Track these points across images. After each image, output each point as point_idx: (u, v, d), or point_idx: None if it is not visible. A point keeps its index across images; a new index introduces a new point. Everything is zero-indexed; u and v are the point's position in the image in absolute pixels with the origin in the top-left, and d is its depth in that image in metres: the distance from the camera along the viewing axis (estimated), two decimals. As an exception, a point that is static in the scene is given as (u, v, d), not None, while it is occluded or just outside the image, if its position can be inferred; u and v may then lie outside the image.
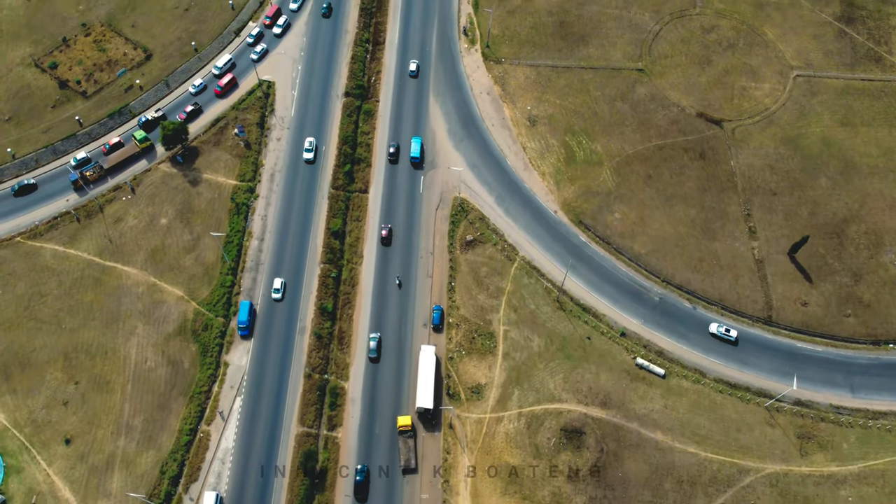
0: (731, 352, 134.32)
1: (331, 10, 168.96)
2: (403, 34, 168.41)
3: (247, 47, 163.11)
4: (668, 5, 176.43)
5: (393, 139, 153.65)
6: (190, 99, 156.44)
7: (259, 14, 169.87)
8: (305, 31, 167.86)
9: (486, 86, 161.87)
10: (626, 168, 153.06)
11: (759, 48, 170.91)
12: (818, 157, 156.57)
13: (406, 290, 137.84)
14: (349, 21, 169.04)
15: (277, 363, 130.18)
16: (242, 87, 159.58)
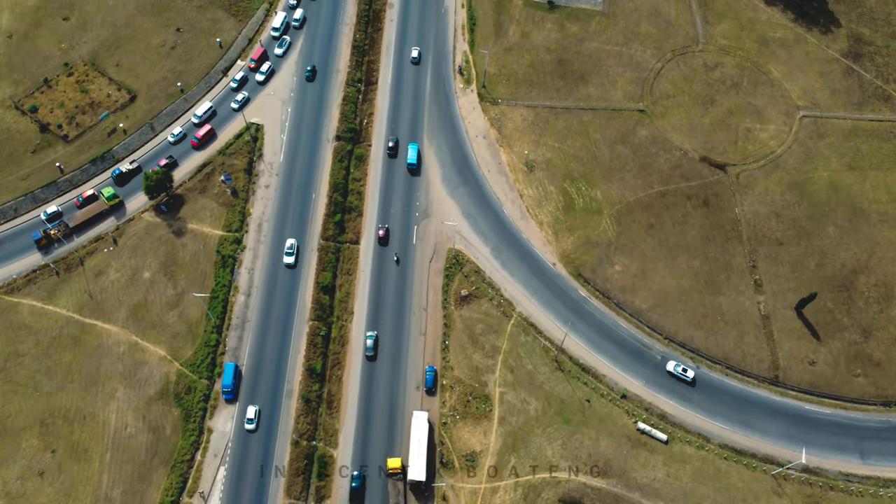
0: (737, 415, 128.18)
1: (315, 72, 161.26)
2: (397, 74, 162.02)
3: (230, 92, 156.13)
4: (670, 41, 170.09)
5: (386, 184, 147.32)
6: (167, 149, 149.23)
7: (248, 52, 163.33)
8: (295, 70, 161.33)
9: (481, 128, 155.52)
10: (627, 216, 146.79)
11: (763, 87, 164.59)
12: (825, 203, 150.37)
13: (398, 349, 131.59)
14: (340, 60, 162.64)
15: (263, 429, 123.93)
16: (230, 129, 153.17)
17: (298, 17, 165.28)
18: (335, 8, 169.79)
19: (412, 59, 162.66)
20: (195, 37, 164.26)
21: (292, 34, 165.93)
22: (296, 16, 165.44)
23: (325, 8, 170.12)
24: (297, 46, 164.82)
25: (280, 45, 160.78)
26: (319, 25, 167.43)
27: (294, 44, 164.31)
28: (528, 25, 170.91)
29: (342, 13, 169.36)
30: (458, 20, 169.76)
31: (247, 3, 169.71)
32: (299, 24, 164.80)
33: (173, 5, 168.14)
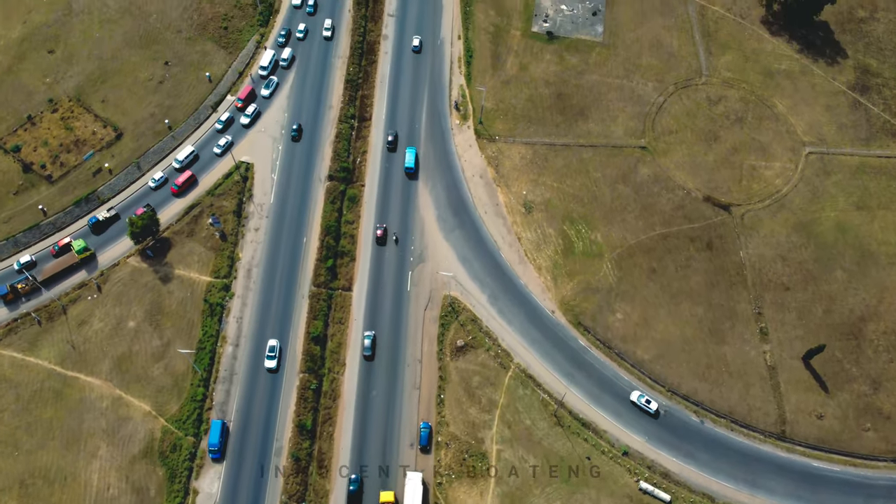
0: (742, 473, 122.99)
1: (301, 131, 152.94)
2: (391, 109, 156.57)
3: (215, 133, 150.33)
4: (672, 73, 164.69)
5: (379, 225, 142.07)
6: (148, 195, 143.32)
7: (238, 86, 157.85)
8: (287, 105, 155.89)
9: (478, 167, 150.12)
10: (629, 260, 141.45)
11: (768, 122, 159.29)
12: (833, 245, 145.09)
13: (392, 403, 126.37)
14: (333, 95, 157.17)
15: (251, 491, 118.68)
16: (220, 168, 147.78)
17: (286, 56, 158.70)
18: (327, 41, 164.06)
19: (408, 92, 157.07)
20: (184, 70, 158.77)
21: (294, 44, 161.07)
22: (284, 55, 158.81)
23: (318, 40, 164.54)
24: (289, 80, 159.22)
25: (267, 87, 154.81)
26: (311, 58, 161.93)
27: (284, 80, 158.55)
28: (526, 57, 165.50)
29: (335, 45, 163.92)
30: (455, 52, 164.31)
31: (237, 34, 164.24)
32: (287, 63, 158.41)
33: (162, 38, 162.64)
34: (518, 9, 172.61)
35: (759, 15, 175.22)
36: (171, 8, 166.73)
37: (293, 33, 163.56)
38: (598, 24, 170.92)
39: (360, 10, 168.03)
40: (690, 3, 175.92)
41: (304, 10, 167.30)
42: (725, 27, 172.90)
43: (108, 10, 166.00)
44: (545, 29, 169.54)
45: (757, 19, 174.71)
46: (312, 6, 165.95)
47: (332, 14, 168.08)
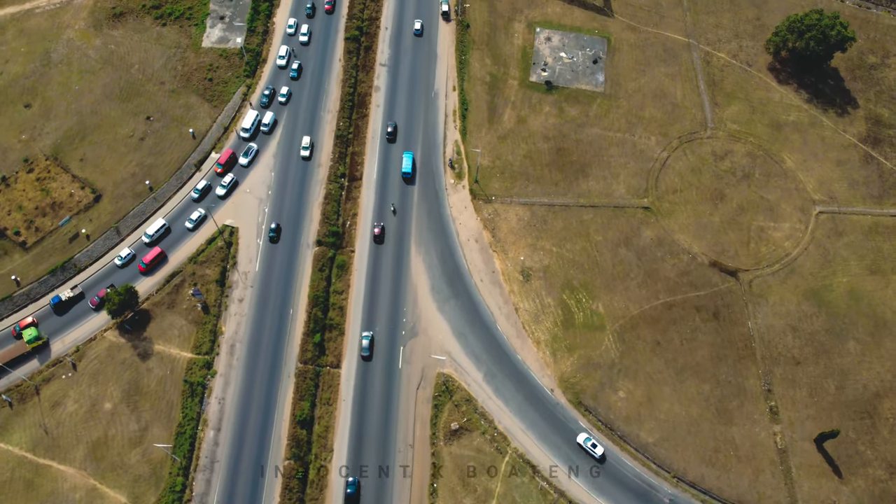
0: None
1: (279, 230, 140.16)
2: (383, 167, 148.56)
3: (191, 202, 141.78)
4: (676, 126, 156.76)
5: (370, 300, 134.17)
6: (113, 273, 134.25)
7: (223, 143, 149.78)
8: (273, 164, 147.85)
9: (474, 231, 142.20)
10: (632, 332, 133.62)
11: (777, 178, 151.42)
12: (845, 314, 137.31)
13: (381, 495, 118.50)
14: (322, 152, 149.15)
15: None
16: (203, 232, 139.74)
17: (268, 121, 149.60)
18: (317, 92, 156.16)
19: (401, 149, 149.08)
20: (166, 126, 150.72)
21: (277, 108, 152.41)
22: (266, 119, 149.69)
23: (308, 91, 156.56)
24: (276, 135, 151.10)
25: (246, 155, 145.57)
26: (300, 112, 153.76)
27: (271, 137, 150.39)
28: (524, 109, 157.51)
29: (325, 97, 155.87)
30: (450, 104, 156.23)
31: (222, 86, 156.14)
32: (269, 128, 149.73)
33: (144, 90, 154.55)
34: (516, 57, 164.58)
35: (766, 62, 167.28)
36: (153, 58, 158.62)
37: (276, 94, 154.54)
38: (598, 73, 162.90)
39: (351, 60, 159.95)
40: (695, 49, 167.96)
41: (287, 72, 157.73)
42: (731, 75, 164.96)
43: (88, 60, 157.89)
44: (544, 78, 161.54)
45: (764, 66, 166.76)
46: (296, 70, 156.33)
47: (321, 65, 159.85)
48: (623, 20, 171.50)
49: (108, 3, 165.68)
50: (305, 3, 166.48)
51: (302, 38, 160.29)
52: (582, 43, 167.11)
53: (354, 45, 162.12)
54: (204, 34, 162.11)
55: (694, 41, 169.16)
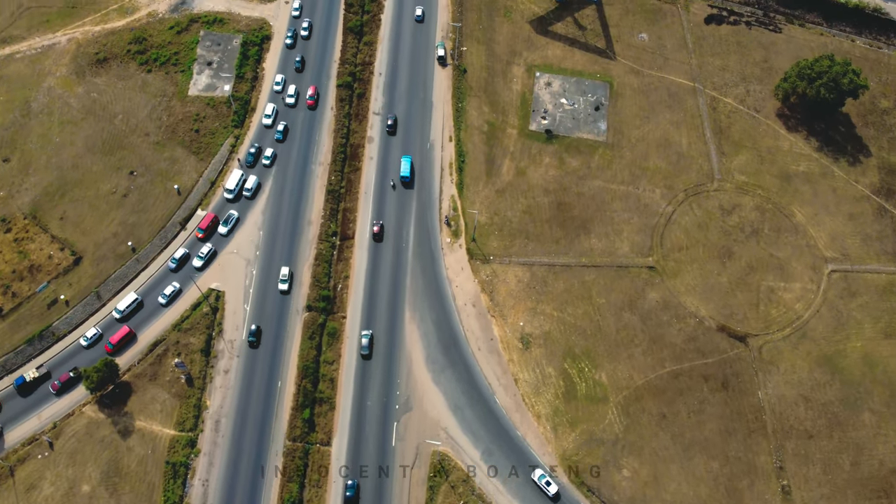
0: None
1: (259, 334, 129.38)
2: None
3: (168, 272, 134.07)
4: (681, 177, 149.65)
5: (362, 371, 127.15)
6: (78, 353, 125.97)
7: (209, 199, 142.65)
8: (262, 222, 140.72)
9: (471, 294, 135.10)
10: (636, 404, 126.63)
11: (787, 234, 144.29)
12: (860, 382, 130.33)
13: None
14: (313, 209, 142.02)
15: None
16: (188, 297, 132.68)
17: (251, 185, 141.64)
18: (308, 143, 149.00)
19: (394, 205, 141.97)
20: (151, 181, 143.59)
21: (263, 167, 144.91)
22: (248, 185, 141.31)
23: (298, 142, 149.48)
24: (265, 191, 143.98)
25: (225, 223, 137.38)
26: (290, 164, 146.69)
27: (259, 192, 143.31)
28: (523, 160, 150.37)
29: (316, 148, 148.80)
30: (446, 156, 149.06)
31: (209, 138, 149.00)
32: (251, 193, 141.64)
33: (127, 142, 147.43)
34: (515, 104, 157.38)
35: (774, 108, 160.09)
36: (138, 107, 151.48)
37: (262, 154, 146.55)
38: (600, 121, 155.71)
39: (343, 108, 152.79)
40: (700, 94, 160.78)
41: (273, 133, 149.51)
42: (738, 122, 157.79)
43: (69, 110, 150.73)
44: (544, 127, 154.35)
45: (772, 112, 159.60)
46: (282, 132, 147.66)
47: (312, 114, 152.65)
48: (626, 63, 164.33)
49: (91, 48, 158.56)
50: (294, 57, 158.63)
51: (289, 98, 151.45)
52: (583, 88, 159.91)
53: (347, 93, 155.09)
54: (191, 81, 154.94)
55: (699, 85, 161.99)
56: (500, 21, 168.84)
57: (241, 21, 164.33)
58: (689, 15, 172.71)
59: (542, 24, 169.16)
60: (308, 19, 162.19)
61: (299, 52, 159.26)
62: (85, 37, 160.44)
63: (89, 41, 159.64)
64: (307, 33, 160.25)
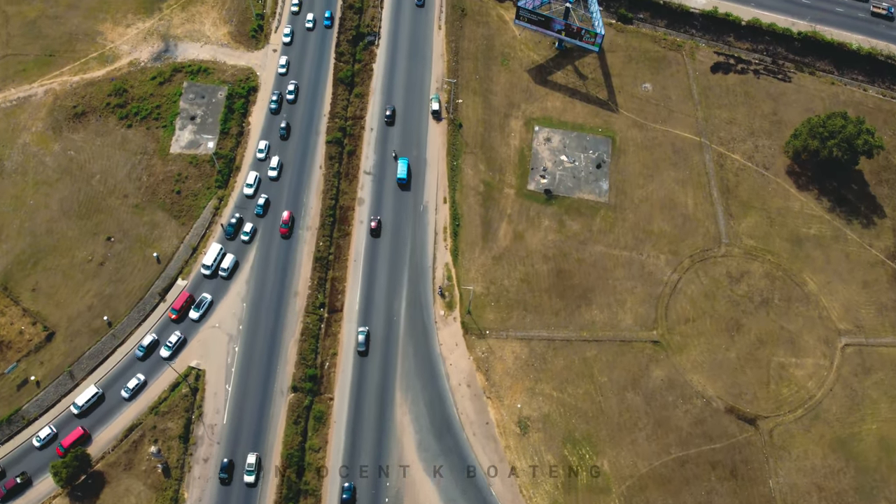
0: None
1: (231, 469, 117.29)
2: (366, 296, 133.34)
3: (134, 361, 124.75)
4: (687, 242, 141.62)
5: (350, 459, 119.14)
6: (30, 453, 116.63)
7: (191, 266, 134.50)
8: (245, 293, 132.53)
9: (466, 372, 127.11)
10: (640, 496, 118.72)
11: (798, 304, 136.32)
12: (875, 469, 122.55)
13: None
14: (299, 279, 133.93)
15: None
16: (165, 377, 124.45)
17: (228, 265, 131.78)
18: (294, 206, 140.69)
19: (385, 275, 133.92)
20: (129, 248, 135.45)
21: (242, 246, 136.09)
22: (225, 264, 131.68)
23: (285, 203, 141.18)
24: (249, 259, 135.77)
25: (197, 308, 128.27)
26: (275, 231, 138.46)
27: (243, 259, 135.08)
28: (521, 223, 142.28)
29: (303, 211, 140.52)
30: (440, 220, 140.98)
31: (191, 199, 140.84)
32: (227, 273, 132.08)
33: (105, 205, 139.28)
34: (512, 161, 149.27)
35: (784, 164, 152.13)
36: (117, 166, 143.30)
37: (242, 227, 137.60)
38: (602, 180, 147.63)
39: (333, 167, 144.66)
40: (707, 149, 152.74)
41: (254, 206, 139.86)
42: (747, 180, 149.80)
43: (45, 169, 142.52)
44: (543, 186, 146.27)
45: (782, 170, 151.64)
46: (262, 207, 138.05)
47: (300, 173, 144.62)
48: (629, 115, 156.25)
49: (68, 100, 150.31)
50: (279, 124, 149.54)
51: (271, 171, 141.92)
52: (584, 144, 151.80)
53: (337, 150, 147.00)
54: (173, 137, 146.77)
55: (706, 140, 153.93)
56: (497, 70, 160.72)
57: (226, 71, 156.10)
58: (695, 63, 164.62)
59: (541, 73, 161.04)
60: (294, 81, 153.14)
61: (284, 118, 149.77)
62: (63, 88, 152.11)
63: (67, 93, 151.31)
64: (293, 97, 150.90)
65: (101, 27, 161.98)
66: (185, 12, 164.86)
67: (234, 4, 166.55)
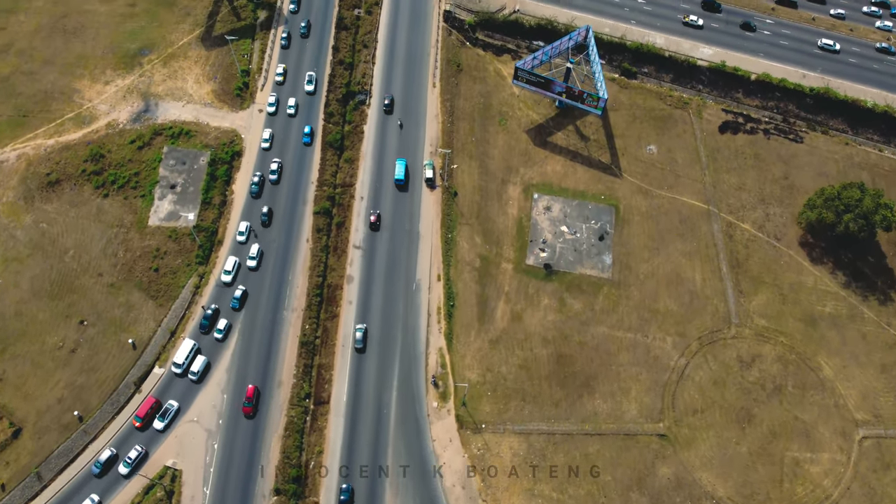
0: None
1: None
2: (354, 387, 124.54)
3: (90, 478, 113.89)
4: (695, 322, 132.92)
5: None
6: None
7: (170, 350, 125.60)
8: (226, 383, 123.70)
9: (460, 473, 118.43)
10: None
11: (813, 391, 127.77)
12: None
13: None
14: (283, 367, 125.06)
15: None
16: (137, 479, 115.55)
17: (198, 368, 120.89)
18: (280, 283, 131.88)
19: (375, 365, 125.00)
20: (102, 332, 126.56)
21: (213, 347, 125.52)
22: (195, 367, 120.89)
23: (269, 281, 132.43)
24: (230, 345, 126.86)
25: (162, 418, 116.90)
26: (259, 311, 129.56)
27: (226, 343, 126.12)
28: (520, 302, 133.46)
29: (288, 290, 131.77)
30: (433, 299, 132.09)
31: (170, 277, 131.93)
32: (197, 377, 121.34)
33: (78, 284, 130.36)
34: (510, 232, 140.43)
35: (796, 234, 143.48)
36: (91, 240, 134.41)
37: (217, 320, 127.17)
38: (605, 253, 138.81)
39: (321, 240, 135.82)
40: (715, 218, 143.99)
41: (231, 296, 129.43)
42: (757, 252, 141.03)
43: (15, 243, 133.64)
44: (542, 260, 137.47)
45: (795, 240, 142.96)
46: (238, 300, 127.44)
47: (285, 248, 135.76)
48: (633, 181, 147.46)
49: (42, 166, 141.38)
50: (261, 208, 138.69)
51: (250, 261, 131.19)
52: (586, 213, 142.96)
53: (325, 221, 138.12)
54: (151, 208, 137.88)
55: (714, 208, 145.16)
56: (494, 130, 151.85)
57: (209, 133, 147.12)
58: (702, 122, 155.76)
59: (540, 134, 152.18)
60: (278, 159, 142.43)
61: (266, 203, 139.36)
62: (36, 153, 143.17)
63: (41, 158, 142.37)
64: (276, 177, 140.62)
65: (79, 84, 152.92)
66: (167, 68, 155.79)
67: (219, 59, 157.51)
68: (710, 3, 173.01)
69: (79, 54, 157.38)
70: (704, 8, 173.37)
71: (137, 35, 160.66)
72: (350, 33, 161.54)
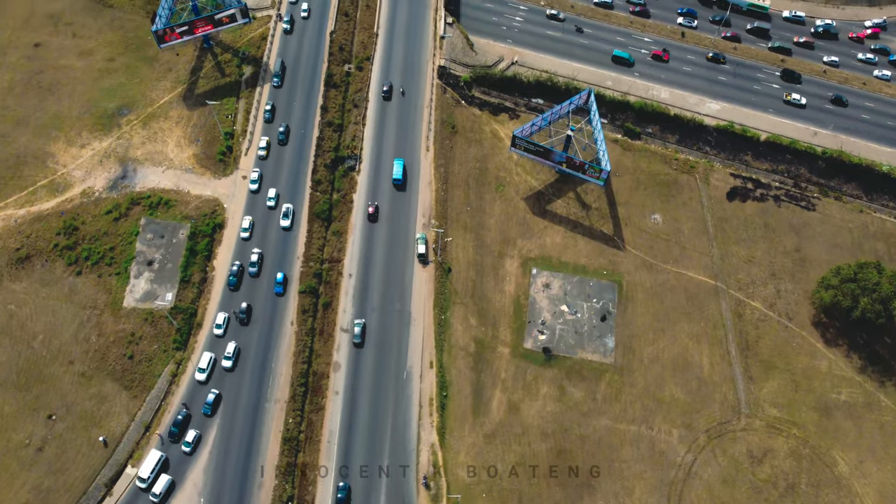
0: None
1: None
2: (340, 490, 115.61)
3: None
4: (703, 412, 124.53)
5: None
6: None
7: (143, 451, 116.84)
8: (203, 484, 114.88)
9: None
10: None
11: (828, 490, 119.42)
12: None
13: None
14: (266, 462, 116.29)
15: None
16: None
17: (161, 489, 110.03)
18: (261, 376, 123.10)
19: (362, 467, 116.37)
20: (72, 427, 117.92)
21: (181, 461, 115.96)
22: (157, 488, 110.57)
23: (249, 374, 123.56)
24: (209, 439, 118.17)
25: None
26: (240, 405, 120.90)
27: (205, 435, 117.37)
28: (517, 391, 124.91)
29: (271, 379, 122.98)
30: (425, 389, 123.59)
31: (145, 365, 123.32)
32: (159, 499, 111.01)
33: (47, 373, 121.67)
34: (507, 312, 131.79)
35: (809, 314, 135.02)
36: (62, 324, 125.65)
37: (189, 423, 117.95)
38: (608, 336, 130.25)
39: (306, 323, 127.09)
40: (723, 295, 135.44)
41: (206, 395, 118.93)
42: (768, 334, 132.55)
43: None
44: (541, 344, 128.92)
45: (808, 320, 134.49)
46: (210, 406, 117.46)
47: (268, 332, 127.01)
48: (636, 254, 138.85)
49: (12, 240, 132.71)
50: (239, 302, 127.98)
51: (226, 361, 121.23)
52: (587, 291, 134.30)
53: (311, 301, 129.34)
54: (127, 288, 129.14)
55: (722, 284, 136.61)
56: (491, 198, 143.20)
57: (189, 203, 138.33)
58: (709, 188, 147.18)
59: (539, 202, 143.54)
60: (258, 249, 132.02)
61: (244, 297, 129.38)
62: (6, 224, 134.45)
63: (11, 231, 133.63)
64: (256, 269, 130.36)
65: (53, 148, 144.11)
66: (147, 129, 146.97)
67: (201, 119, 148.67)
68: (716, 56, 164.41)
69: (54, 114, 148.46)
70: (710, 60, 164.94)
71: (116, 92, 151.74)
72: (340, 91, 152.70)
